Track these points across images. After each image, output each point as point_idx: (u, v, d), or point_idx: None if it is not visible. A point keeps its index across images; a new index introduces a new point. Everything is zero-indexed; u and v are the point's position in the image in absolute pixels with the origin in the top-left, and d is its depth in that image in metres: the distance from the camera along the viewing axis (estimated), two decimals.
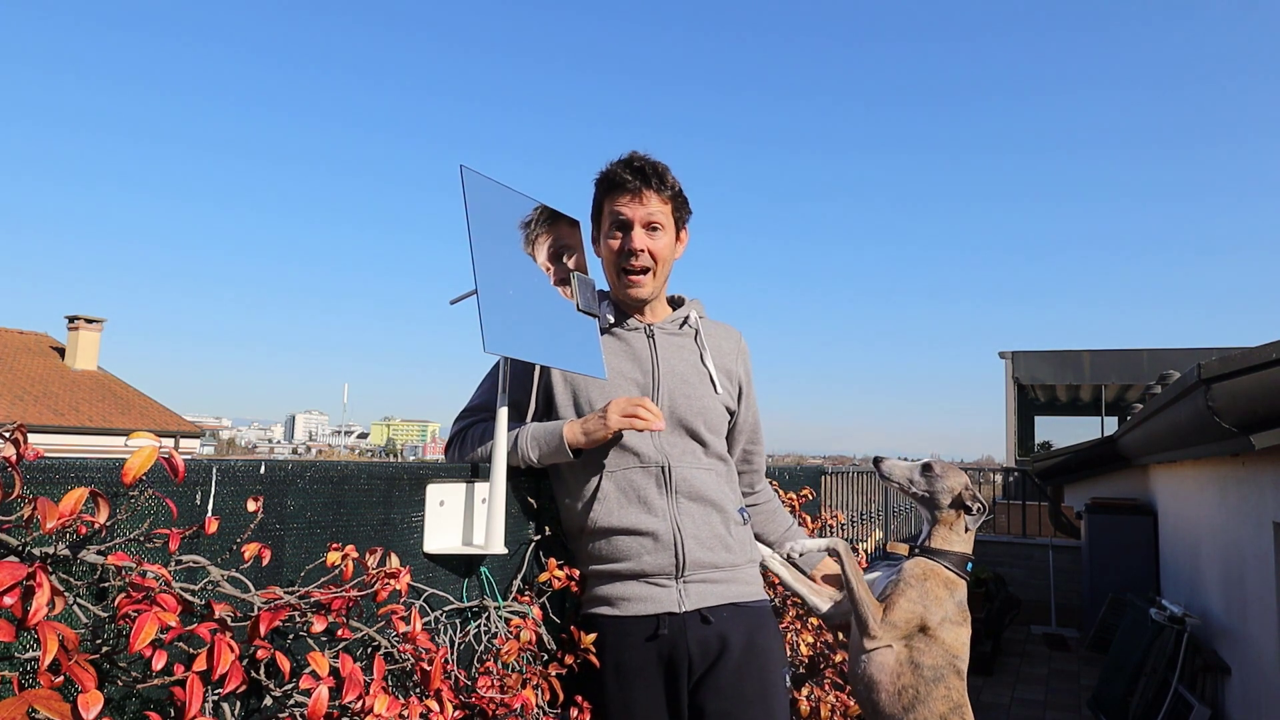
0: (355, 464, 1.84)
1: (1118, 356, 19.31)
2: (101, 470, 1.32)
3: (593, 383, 2.33)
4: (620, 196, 2.33)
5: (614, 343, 2.40)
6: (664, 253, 2.37)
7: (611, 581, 2.25)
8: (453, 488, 2.06)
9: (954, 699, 2.39)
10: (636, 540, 2.22)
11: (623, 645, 2.21)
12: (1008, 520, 11.88)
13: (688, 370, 2.40)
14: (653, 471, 2.26)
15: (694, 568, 2.23)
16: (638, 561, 2.22)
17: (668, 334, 2.44)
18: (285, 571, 1.61)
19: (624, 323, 2.43)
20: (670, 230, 2.38)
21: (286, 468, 1.64)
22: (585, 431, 2.19)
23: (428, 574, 1.95)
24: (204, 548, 1.45)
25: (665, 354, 2.39)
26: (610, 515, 2.24)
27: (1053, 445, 19.80)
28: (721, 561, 2.28)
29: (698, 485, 2.29)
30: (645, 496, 2.25)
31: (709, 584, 2.25)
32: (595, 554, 2.28)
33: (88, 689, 1.03)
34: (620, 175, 2.33)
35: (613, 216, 2.35)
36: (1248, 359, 3.87)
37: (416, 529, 1.94)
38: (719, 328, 2.55)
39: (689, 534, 2.24)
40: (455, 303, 2.00)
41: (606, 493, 2.25)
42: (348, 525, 1.75)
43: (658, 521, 2.23)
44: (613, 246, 2.36)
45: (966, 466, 17.80)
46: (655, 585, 2.22)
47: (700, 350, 2.45)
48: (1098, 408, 20.97)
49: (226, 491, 1.50)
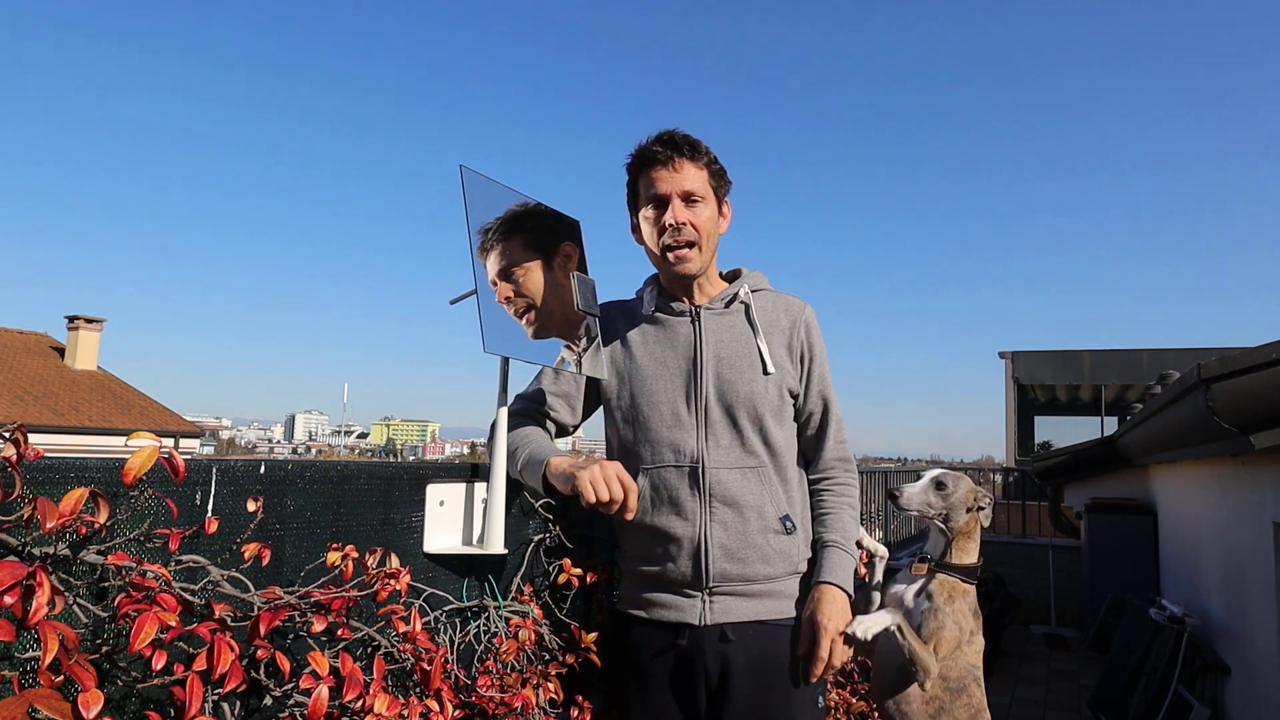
0: (355, 464, 1.84)
1: (1118, 357, 19.30)
2: (101, 470, 1.32)
3: (637, 374, 2.26)
4: (653, 170, 2.21)
5: (655, 330, 2.30)
6: (708, 226, 2.23)
7: (642, 583, 2.23)
8: (452, 488, 2.06)
9: (974, 705, 2.40)
10: (663, 546, 2.17)
11: (644, 649, 2.19)
12: (1007, 520, 11.88)
13: (736, 352, 2.24)
14: (685, 471, 2.17)
15: (720, 580, 2.14)
16: (663, 568, 2.18)
17: (715, 314, 2.28)
18: (285, 571, 1.61)
19: (669, 307, 2.31)
20: (711, 201, 2.24)
21: (286, 468, 1.64)
22: (562, 472, 2.03)
23: (427, 574, 1.95)
24: (204, 548, 1.45)
25: (711, 336, 2.25)
26: (643, 514, 2.18)
27: (1052, 445, 19.79)
28: (755, 574, 2.16)
29: (732, 489, 2.16)
30: (676, 498, 2.16)
31: (736, 598, 2.16)
32: (629, 552, 2.27)
33: (88, 688, 1.03)
34: (650, 149, 2.20)
35: (648, 192, 2.22)
36: (1247, 359, 3.87)
37: (416, 529, 1.94)
38: (779, 300, 2.36)
39: (716, 543, 2.14)
40: (455, 302, 2.00)
41: (642, 490, 2.17)
42: (348, 525, 1.75)
43: (686, 526, 2.15)
44: (651, 224, 2.24)
45: (966, 466, 17.80)
46: (680, 595, 2.17)
47: (753, 328, 2.28)
48: (1098, 408, 20.95)
49: (226, 491, 1.50)
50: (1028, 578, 10.56)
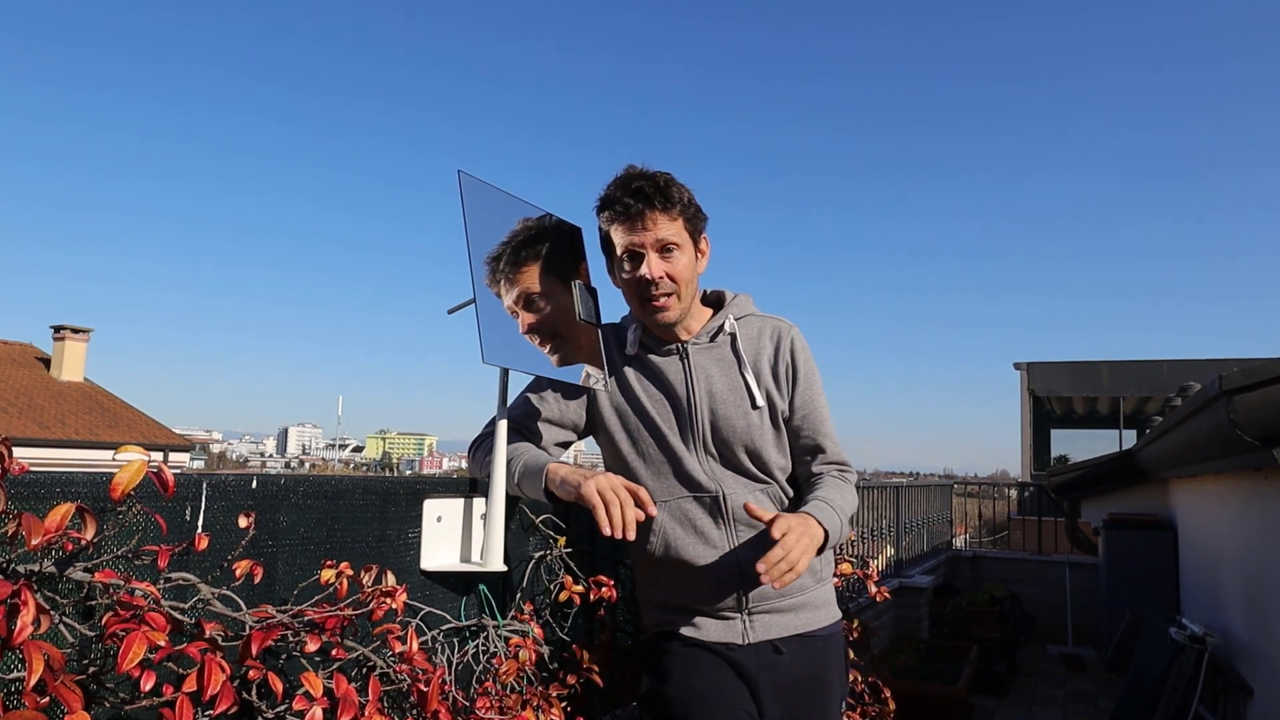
0: (350, 478, 1.84)
1: (1136, 368, 19.29)
2: (88, 485, 1.32)
3: (635, 409, 2.26)
4: (624, 224, 2.18)
5: (645, 369, 2.30)
6: (685, 273, 2.21)
7: (673, 613, 2.23)
8: (450, 503, 2.06)
9: None
10: (694, 576, 2.18)
11: (693, 669, 2.18)
12: (1023, 536, 11.86)
13: (726, 387, 2.27)
14: (705, 501, 2.20)
15: (758, 599, 2.19)
16: (696, 597, 2.19)
17: (703, 349, 2.30)
18: (278, 589, 1.61)
19: (656, 345, 2.31)
20: (687, 247, 2.22)
21: (279, 482, 1.64)
22: (564, 478, 1.99)
23: (425, 592, 1.95)
24: (194, 565, 1.45)
25: (701, 373, 2.27)
26: (667, 547, 2.20)
27: (1069, 459, 19.76)
28: (790, 588, 2.20)
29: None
30: (701, 527, 2.19)
31: (776, 614, 2.21)
32: (656, 585, 2.27)
33: (74, 710, 1.03)
34: (620, 201, 2.17)
35: (622, 244, 2.20)
36: (1271, 370, 3.86)
37: (413, 545, 1.94)
38: (765, 325, 2.37)
39: (751, 565, 2.10)
40: (453, 312, 2.00)
41: (662, 523, 2.20)
42: (342, 542, 1.75)
43: (716, 554, 2.18)
44: (629, 278, 2.21)
45: (981, 481, 17.78)
46: (719, 619, 2.20)
47: (738, 360, 2.30)
48: (1116, 420, 20.92)
49: (217, 507, 1.50)
50: (1044, 596, 10.53)
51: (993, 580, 10.61)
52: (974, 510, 16.41)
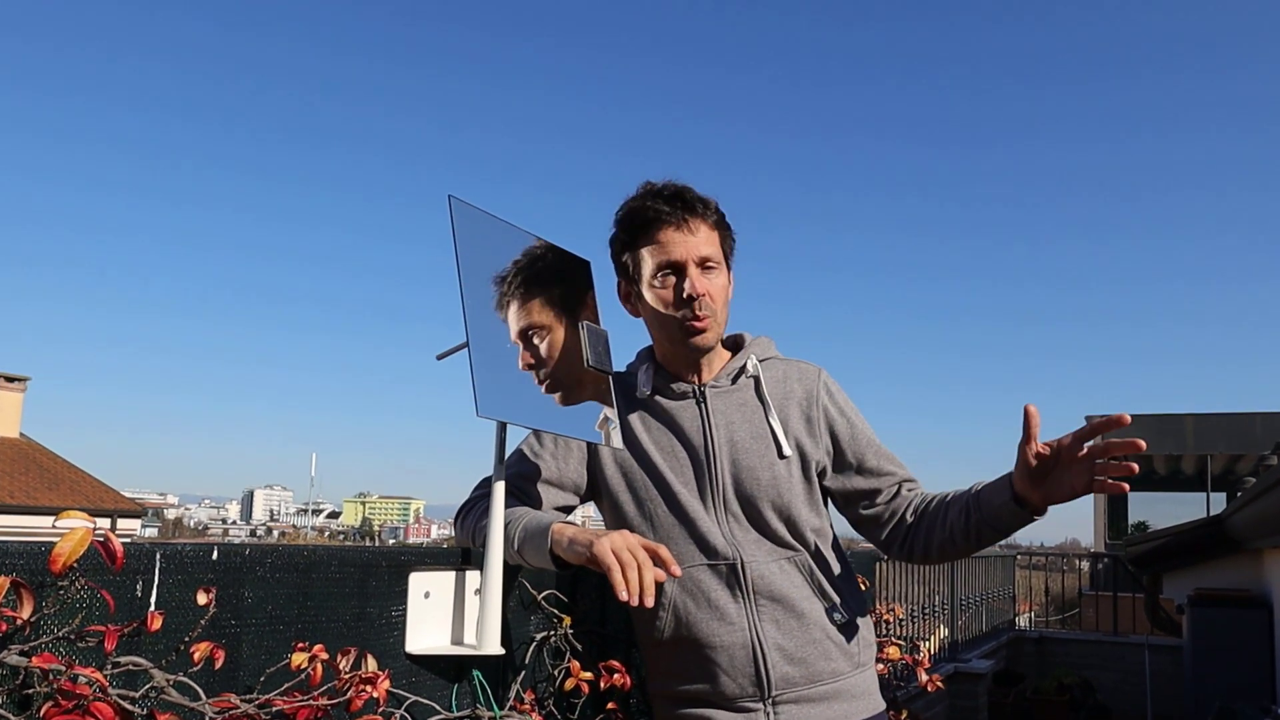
0: (325, 548, 1.84)
1: (1226, 421, 19.18)
2: (25, 556, 1.32)
3: (642, 465, 2.24)
4: (660, 231, 2.18)
5: (657, 414, 2.29)
6: (722, 295, 2.23)
7: (686, 704, 2.19)
8: (440, 576, 2.05)
9: None
10: (709, 657, 2.14)
11: None
12: (1096, 615, 11.77)
13: (751, 434, 2.24)
14: (722, 570, 2.15)
15: (783, 685, 2.12)
16: (714, 683, 2.14)
17: (722, 393, 2.28)
18: (242, 675, 1.60)
19: (669, 388, 2.30)
20: (724, 268, 2.24)
21: (244, 553, 1.64)
22: (572, 538, 1.92)
23: (410, 678, 1.94)
24: (146, 647, 1.44)
25: (721, 419, 2.25)
26: (677, 626, 2.16)
27: (1149, 526, 19.66)
28: (820, 673, 2.15)
29: (777, 583, 2.16)
30: (717, 601, 2.14)
31: (806, 704, 2.14)
32: (663, 671, 2.24)
33: None
34: (655, 208, 2.17)
35: (658, 259, 2.18)
36: None
37: (397, 625, 1.93)
38: (790, 369, 2.37)
39: (772, 645, 2.12)
40: (443, 358, 2.00)
41: (671, 597, 2.16)
42: (316, 621, 1.74)
43: (733, 632, 2.13)
44: (665, 297, 2.19)
45: (1048, 551, 17.66)
46: (738, 711, 2.14)
47: (763, 405, 2.28)
48: (1203, 482, 20.79)
49: (173, 581, 1.50)
50: (1120, 683, 10.44)
51: (1061, 665, 10.51)
52: (1040, 584, 16.31)
